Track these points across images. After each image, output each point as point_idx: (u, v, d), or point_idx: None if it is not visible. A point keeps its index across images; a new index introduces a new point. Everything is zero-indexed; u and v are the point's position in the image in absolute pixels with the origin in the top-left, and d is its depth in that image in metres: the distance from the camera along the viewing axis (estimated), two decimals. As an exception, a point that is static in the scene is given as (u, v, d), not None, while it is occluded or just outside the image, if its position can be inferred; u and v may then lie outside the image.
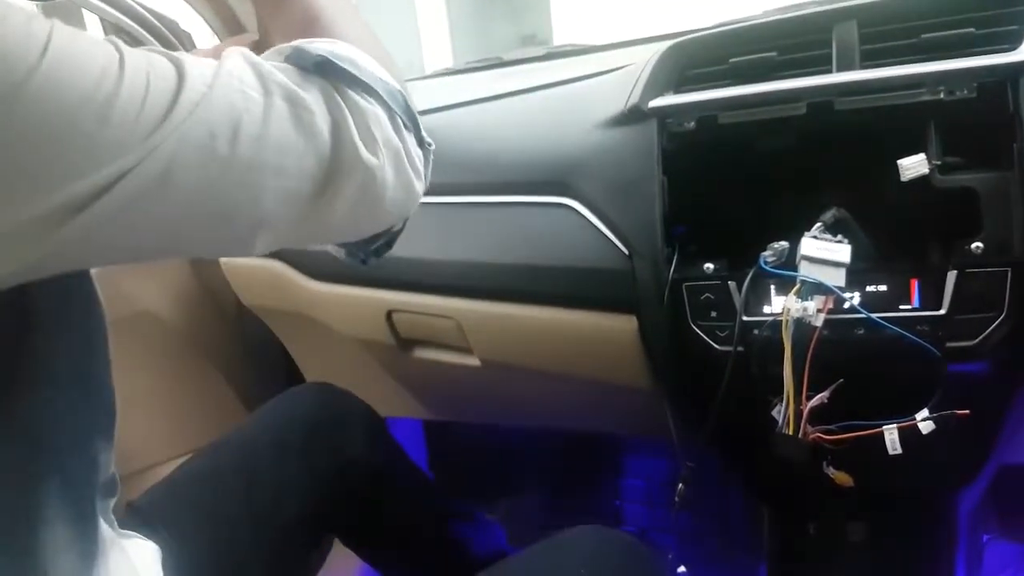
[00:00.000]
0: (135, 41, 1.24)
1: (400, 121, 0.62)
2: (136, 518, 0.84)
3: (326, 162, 0.55)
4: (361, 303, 1.27)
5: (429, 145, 0.68)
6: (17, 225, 0.41)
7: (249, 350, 1.65)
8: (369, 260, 0.72)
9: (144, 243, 0.50)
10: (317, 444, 1.04)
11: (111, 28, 1.26)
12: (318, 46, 0.58)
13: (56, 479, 0.55)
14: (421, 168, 0.66)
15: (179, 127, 0.46)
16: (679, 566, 1.14)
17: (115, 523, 0.66)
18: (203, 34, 1.42)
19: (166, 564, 0.77)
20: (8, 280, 0.45)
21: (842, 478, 0.95)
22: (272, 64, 0.55)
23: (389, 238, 0.70)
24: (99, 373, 0.59)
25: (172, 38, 1.27)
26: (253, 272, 1.43)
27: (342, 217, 0.59)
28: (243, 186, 0.51)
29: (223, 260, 1.47)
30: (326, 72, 0.57)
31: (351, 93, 0.58)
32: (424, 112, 1.27)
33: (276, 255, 1.36)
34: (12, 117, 0.40)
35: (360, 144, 0.57)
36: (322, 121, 0.55)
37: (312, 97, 0.55)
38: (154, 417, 1.36)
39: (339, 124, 0.56)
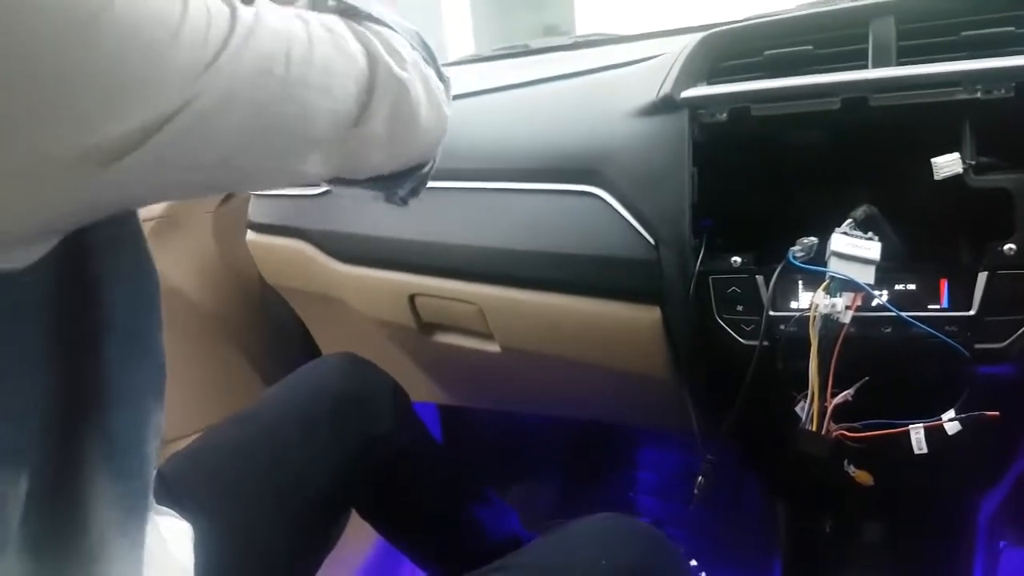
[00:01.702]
0: None
1: (420, 53, 0.68)
2: (161, 488, 0.84)
3: (364, 81, 0.61)
4: (384, 286, 1.27)
5: (447, 79, 0.73)
6: (84, 150, 0.42)
7: (270, 329, 1.66)
8: (408, 199, 0.77)
9: (198, 174, 0.52)
10: (345, 419, 1.04)
11: None
12: None
13: (106, 434, 0.55)
14: (444, 98, 0.71)
15: (239, 51, 0.49)
16: (690, 560, 1.14)
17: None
18: None
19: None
20: (69, 220, 0.46)
21: (863, 477, 0.95)
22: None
23: (421, 179, 0.76)
24: (152, 332, 0.60)
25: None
26: (278, 251, 1.44)
27: (382, 138, 0.64)
28: (295, 105, 0.54)
29: (249, 238, 1.47)
30: (345, 13, 0.63)
31: (372, 24, 0.64)
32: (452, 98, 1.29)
33: (302, 235, 1.36)
34: (98, 39, 0.41)
35: (391, 62, 0.63)
36: (355, 45, 0.60)
37: (342, 27, 0.60)
38: (173, 391, 1.37)
39: (369, 47, 0.62)
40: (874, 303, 0.86)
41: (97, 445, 0.54)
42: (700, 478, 1.03)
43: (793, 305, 0.91)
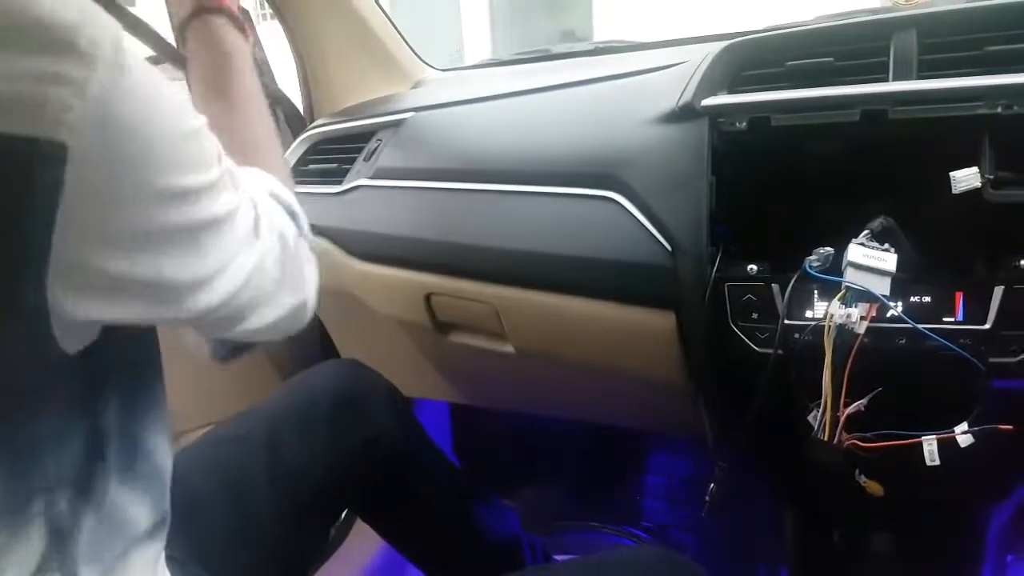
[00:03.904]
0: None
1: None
2: None
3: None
4: (401, 285, 1.28)
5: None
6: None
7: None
8: (229, 357, 0.78)
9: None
10: (342, 419, 1.05)
11: None
12: (284, 194, 0.72)
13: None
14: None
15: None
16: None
17: None
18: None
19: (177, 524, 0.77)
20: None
21: (873, 487, 0.95)
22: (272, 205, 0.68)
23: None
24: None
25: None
26: (296, 248, 1.45)
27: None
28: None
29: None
30: (293, 218, 0.71)
31: (302, 243, 0.72)
32: (472, 101, 1.30)
33: (321, 233, 1.38)
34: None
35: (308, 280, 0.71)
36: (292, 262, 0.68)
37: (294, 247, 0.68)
38: (188, 387, 1.39)
39: (302, 268, 0.70)
40: (889, 314, 0.86)
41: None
42: (712, 485, 1.03)
43: (808, 314, 0.92)
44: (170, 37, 0.98)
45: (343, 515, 1.11)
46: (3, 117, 0.40)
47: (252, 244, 0.60)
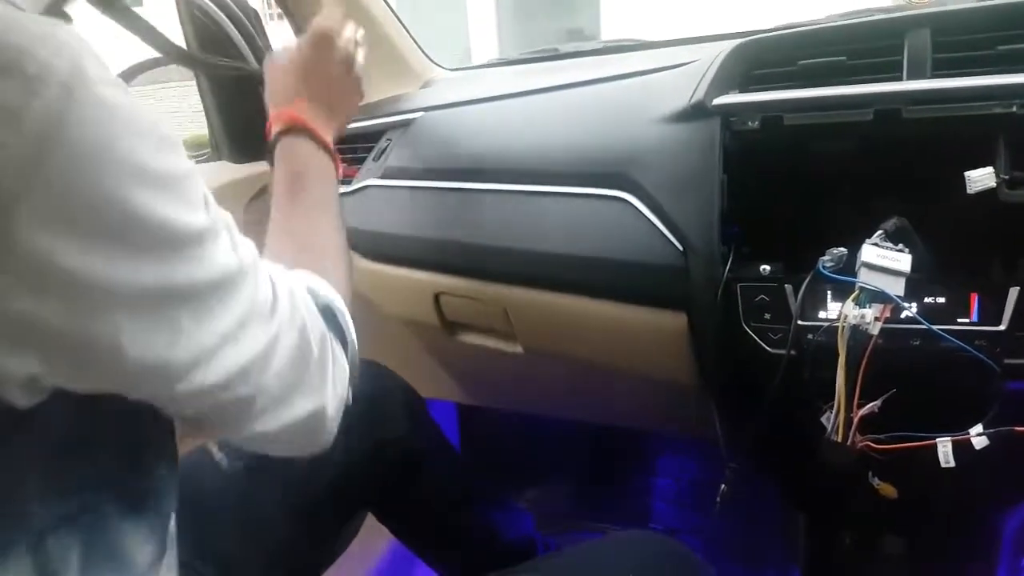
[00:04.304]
0: (207, 16, 1.25)
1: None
2: None
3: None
4: (410, 284, 1.28)
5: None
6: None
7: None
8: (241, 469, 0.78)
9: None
10: (357, 418, 1.05)
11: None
12: (324, 291, 0.69)
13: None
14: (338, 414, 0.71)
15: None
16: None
17: None
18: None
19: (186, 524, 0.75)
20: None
21: (887, 489, 0.95)
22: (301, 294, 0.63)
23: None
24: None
25: (240, 14, 1.28)
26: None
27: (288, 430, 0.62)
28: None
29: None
30: (327, 317, 0.67)
31: (337, 346, 0.68)
32: (481, 100, 1.30)
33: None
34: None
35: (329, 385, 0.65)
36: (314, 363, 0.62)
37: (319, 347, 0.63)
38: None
39: (325, 371, 0.64)
40: (903, 315, 0.86)
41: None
42: (723, 486, 1.02)
43: (821, 315, 0.91)
44: (178, 40, 0.98)
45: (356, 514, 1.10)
46: None
47: (260, 325, 0.54)
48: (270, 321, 0.55)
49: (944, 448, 0.84)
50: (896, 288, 0.83)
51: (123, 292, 0.43)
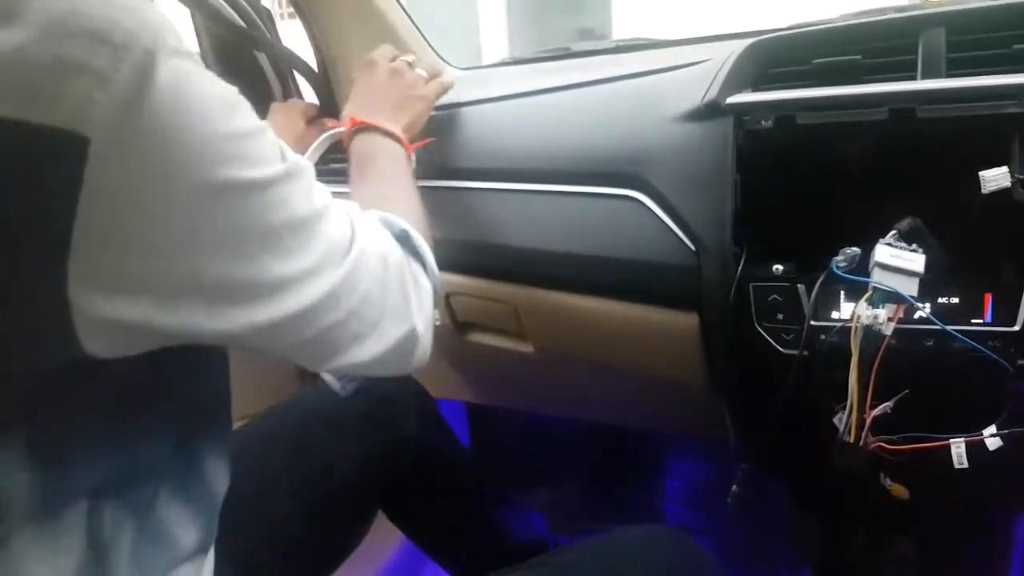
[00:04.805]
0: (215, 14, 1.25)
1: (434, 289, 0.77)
2: None
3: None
4: (421, 284, 1.28)
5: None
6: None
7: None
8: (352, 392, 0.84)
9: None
10: (370, 419, 1.06)
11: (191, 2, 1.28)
12: (398, 220, 0.75)
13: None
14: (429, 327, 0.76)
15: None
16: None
17: None
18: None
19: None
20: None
21: (898, 490, 0.94)
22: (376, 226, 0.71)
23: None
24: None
25: (251, 11, 1.29)
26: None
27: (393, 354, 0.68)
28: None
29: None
30: (403, 242, 0.73)
31: (416, 266, 0.74)
32: (493, 100, 1.30)
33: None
34: None
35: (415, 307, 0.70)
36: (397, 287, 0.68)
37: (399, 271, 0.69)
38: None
39: (408, 293, 0.69)
40: (917, 315, 0.85)
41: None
42: (735, 487, 1.02)
43: (834, 315, 0.91)
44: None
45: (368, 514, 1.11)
46: (28, 104, 0.40)
47: (341, 257, 0.59)
48: (348, 255, 0.60)
49: (957, 449, 0.83)
50: (910, 288, 0.82)
51: (205, 237, 0.49)
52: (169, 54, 0.45)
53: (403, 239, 0.74)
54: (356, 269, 0.61)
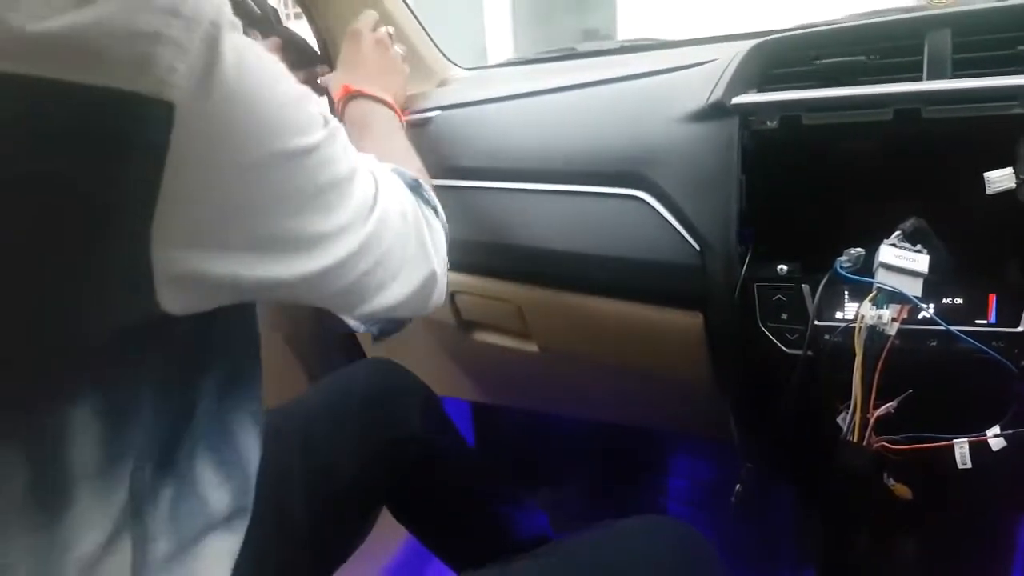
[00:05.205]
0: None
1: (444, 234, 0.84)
2: None
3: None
4: (426, 283, 1.28)
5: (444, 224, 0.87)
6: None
7: (314, 323, 1.68)
8: (379, 337, 0.86)
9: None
10: (373, 415, 1.06)
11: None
12: (407, 171, 0.81)
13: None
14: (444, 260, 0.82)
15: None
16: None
17: None
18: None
19: None
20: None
21: (902, 490, 0.94)
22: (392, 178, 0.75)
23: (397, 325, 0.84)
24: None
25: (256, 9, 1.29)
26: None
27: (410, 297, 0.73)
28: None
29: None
30: (415, 190, 0.79)
31: (428, 211, 0.80)
32: (498, 99, 1.30)
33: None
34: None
35: (432, 251, 0.76)
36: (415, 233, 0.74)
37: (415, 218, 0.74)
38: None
39: (424, 239, 0.75)
40: (921, 316, 0.85)
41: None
42: (738, 487, 1.02)
43: (838, 315, 0.91)
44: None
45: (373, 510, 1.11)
46: (116, 72, 0.42)
47: (370, 211, 0.64)
48: (374, 208, 0.65)
49: (961, 449, 0.84)
50: (914, 289, 0.82)
51: (268, 196, 0.53)
52: (228, 28, 0.48)
53: (415, 188, 0.79)
54: (382, 220, 0.65)
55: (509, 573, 0.86)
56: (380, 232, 0.65)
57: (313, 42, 1.40)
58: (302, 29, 1.47)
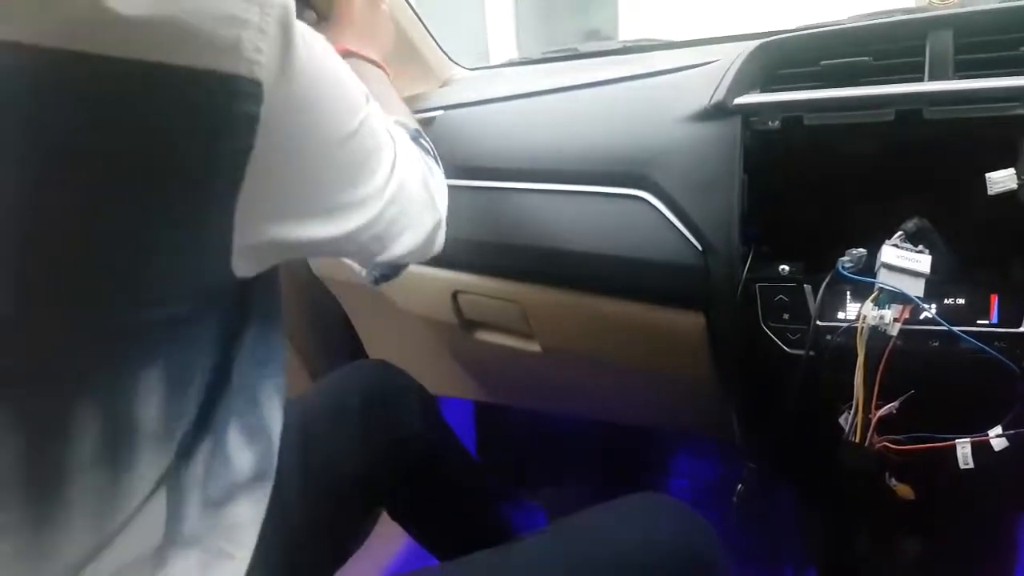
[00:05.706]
0: None
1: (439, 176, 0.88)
2: None
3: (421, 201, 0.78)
4: (429, 282, 1.29)
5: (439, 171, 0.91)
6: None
7: (315, 321, 1.68)
8: (379, 281, 0.90)
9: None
10: (372, 416, 1.06)
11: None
12: (409, 121, 0.89)
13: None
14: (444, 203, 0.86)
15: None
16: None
17: None
18: None
19: None
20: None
21: (904, 490, 0.94)
22: (400, 131, 0.79)
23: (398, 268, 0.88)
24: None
25: None
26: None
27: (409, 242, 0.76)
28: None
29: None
30: (417, 141, 0.84)
31: (430, 160, 0.85)
32: (501, 99, 1.30)
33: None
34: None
35: (437, 199, 0.81)
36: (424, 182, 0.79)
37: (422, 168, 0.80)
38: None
39: (430, 186, 0.80)
40: (923, 316, 0.86)
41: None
42: (740, 486, 1.03)
43: (840, 315, 0.91)
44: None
45: (371, 511, 1.11)
46: (212, 55, 0.46)
47: (393, 166, 0.69)
48: (396, 162, 0.70)
49: (963, 450, 0.84)
50: (916, 289, 0.83)
51: (333, 165, 0.60)
52: (293, 13, 0.51)
53: (416, 139, 0.85)
54: (403, 171, 0.71)
55: (503, 552, 0.89)
56: (404, 183, 0.71)
57: None
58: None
